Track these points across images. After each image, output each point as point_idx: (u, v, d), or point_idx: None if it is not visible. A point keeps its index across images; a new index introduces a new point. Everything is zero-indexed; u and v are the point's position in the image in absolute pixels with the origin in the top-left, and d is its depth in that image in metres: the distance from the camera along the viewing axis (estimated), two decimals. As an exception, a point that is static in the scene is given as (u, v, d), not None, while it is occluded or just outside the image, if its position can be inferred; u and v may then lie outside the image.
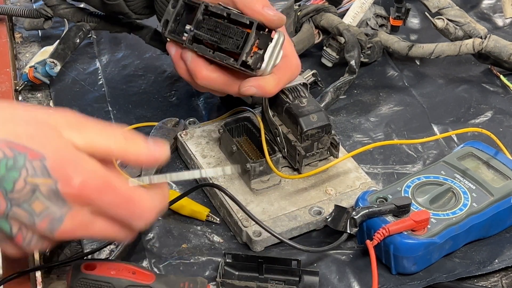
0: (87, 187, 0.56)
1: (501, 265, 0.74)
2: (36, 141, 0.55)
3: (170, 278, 0.68)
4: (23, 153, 0.55)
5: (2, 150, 0.54)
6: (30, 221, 0.56)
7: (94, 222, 0.58)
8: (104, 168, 0.57)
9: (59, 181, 0.55)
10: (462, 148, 0.81)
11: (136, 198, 0.59)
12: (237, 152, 0.80)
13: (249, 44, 0.72)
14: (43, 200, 0.55)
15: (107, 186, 0.57)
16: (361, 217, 0.71)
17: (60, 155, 0.55)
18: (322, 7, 0.97)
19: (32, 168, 0.55)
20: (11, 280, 0.68)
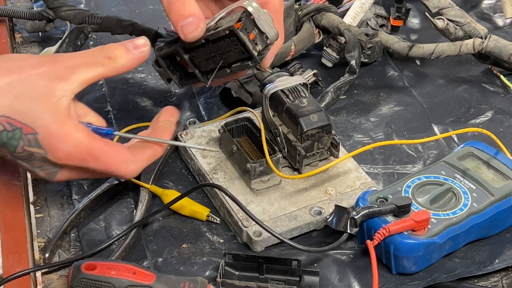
0: (71, 157, 0.67)
1: (501, 265, 0.74)
2: (30, 117, 0.65)
3: (170, 278, 0.68)
4: (19, 128, 0.65)
5: (3, 124, 0.65)
6: (32, 170, 0.69)
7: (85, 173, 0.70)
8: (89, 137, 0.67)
9: (49, 151, 0.66)
10: (462, 148, 0.81)
11: (115, 164, 0.69)
12: (237, 152, 0.80)
13: (247, 42, 0.71)
14: (39, 161, 0.67)
15: (89, 156, 0.67)
16: (362, 217, 0.71)
17: (49, 131, 0.65)
18: (323, 6, 0.97)
19: (27, 140, 0.66)
20: (12, 280, 0.68)
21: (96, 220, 0.78)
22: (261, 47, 0.72)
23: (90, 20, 0.97)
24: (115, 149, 0.69)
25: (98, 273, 0.67)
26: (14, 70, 0.66)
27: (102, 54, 0.69)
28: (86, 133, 0.67)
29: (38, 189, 0.82)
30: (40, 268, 0.72)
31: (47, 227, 0.78)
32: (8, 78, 0.66)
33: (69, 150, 0.66)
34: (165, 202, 0.79)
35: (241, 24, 0.71)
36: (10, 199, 0.77)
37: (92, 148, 0.67)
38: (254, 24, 0.72)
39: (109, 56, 0.69)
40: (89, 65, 0.68)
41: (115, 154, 0.69)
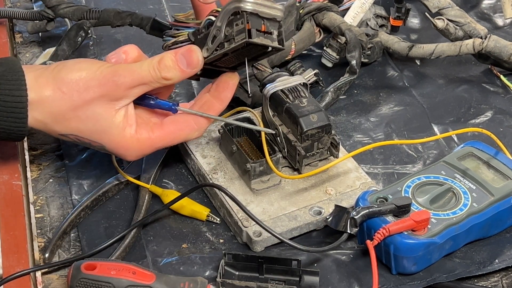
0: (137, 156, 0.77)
1: (501, 265, 0.74)
2: (96, 135, 0.74)
3: (170, 278, 0.68)
4: (88, 142, 0.75)
5: (72, 139, 0.75)
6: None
7: None
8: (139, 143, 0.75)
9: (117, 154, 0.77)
10: (462, 148, 0.81)
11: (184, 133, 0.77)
12: (237, 152, 0.80)
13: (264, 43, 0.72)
14: None
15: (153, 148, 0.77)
16: (361, 217, 0.71)
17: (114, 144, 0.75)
18: (325, 6, 0.97)
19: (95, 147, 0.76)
20: (12, 280, 0.68)
21: (96, 220, 0.78)
22: (276, 32, 0.73)
23: (88, 15, 0.97)
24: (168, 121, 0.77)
25: (98, 273, 0.67)
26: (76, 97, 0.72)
27: (158, 75, 0.73)
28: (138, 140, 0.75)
29: (38, 189, 0.82)
30: (40, 268, 0.72)
31: (47, 227, 0.78)
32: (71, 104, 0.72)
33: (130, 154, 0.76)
34: (165, 202, 0.79)
35: (250, 25, 0.71)
36: (10, 199, 0.77)
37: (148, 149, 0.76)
38: (260, 17, 0.72)
39: (164, 77, 0.73)
40: (146, 84, 0.73)
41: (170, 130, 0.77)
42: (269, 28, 0.72)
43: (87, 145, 0.76)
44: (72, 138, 0.75)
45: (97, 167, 0.84)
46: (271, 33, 0.72)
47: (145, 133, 0.75)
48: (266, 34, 0.72)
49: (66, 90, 0.72)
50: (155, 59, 0.73)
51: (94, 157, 0.86)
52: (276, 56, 0.93)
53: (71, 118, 0.73)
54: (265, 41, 0.72)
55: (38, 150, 0.87)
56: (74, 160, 0.86)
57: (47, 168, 0.85)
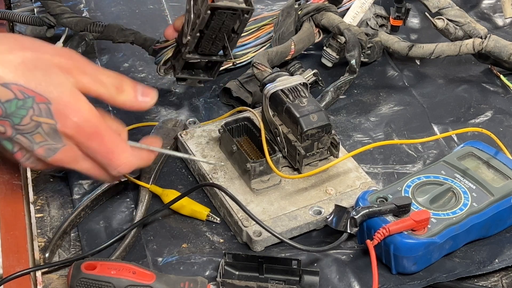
0: (80, 131, 0.68)
1: (501, 265, 0.74)
2: (43, 87, 0.66)
3: (170, 278, 0.68)
4: (32, 96, 0.66)
5: (14, 92, 0.65)
6: (30, 147, 0.68)
7: (82, 159, 0.70)
8: (99, 118, 0.69)
9: (59, 122, 0.67)
10: (462, 148, 0.81)
11: (117, 151, 0.70)
12: (237, 152, 0.80)
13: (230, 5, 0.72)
14: (43, 134, 0.67)
15: (96, 134, 0.69)
16: (361, 217, 0.71)
17: (63, 101, 0.66)
18: (323, 6, 0.97)
19: (38, 109, 0.66)
20: (12, 280, 0.68)
21: (96, 219, 0.78)
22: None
23: (92, 28, 0.97)
24: (119, 138, 0.72)
25: (98, 273, 0.67)
26: (28, 47, 0.67)
27: (112, 81, 0.71)
28: (97, 112, 0.69)
29: (38, 188, 0.82)
30: (40, 268, 0.72)
31: (47, 227, 0.78)
32: (22, 52, 0.66)
33: (80, 122, 0.67)
34: (165, 202, 0.79)
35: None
36: (10, 199, 0.77)
37: (101, 126, 0.69)
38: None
39: (117, 87, 0.71)
40: (96, 82, 0.70)
41: (118, 141, 0.71)
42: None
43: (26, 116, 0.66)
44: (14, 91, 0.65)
45: (97, 167, 0.84)
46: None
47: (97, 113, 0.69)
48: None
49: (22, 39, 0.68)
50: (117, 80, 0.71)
51: (94, 157, 0.86)
52: (276, 56, 0.93)
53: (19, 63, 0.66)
54: (230, 4, 0.71)
55: (38, 150, 0.87)
56: (74, 160, 0.85)
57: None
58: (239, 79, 0.92)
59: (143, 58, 1.02)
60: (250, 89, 0.91)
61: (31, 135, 0.67)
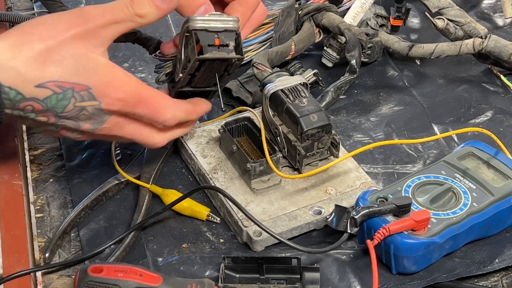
0: (125, 104, 0.69)
1: (501, 264, 0.74)
2: (80, 76, 0.66)
3: (177, 280, 0.68)
4: (70, 88, 0.66)
5: (51, 89, 0.65)
6: (75, 126, 0.69)
7: (128, 124, 0.71)
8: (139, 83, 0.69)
9: (103, 101, 0.68)
10: (462, 148, 0.81)
11: (162, 108, 0.71)
12: (238, 152, 0.80)
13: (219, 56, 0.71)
14: (88, 114, 0.68)
15: (141, 100, 0.70)
16: (362, 217, 0.71)
17: (102, 82, 0.67)
18: (324, 6, 0.97)
19: (80, 96, 0.67)
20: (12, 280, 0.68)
21: (96, 219, 0.78)
22: (233, 42, 0.72)
23: None
24: (161, 94, 0.72)
25: (105, 276, 0.66)
26: (47, 37, 0.66)
27: (131, 11, 0.68)
28: (135, 79, 0.70)
29: (38, 188, 0.82)
30: (40, 268, 0.72)
31: (47, 227, 0.78)
32: (43, 44, 0.65)
33: (123, 96, 0.68)
34: (165, 202, 0.79)
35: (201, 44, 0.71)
36: (11, 199, 0.77)
37: (143, 92, 0.70)
38: (212, 32, 0.71)
39: (138, 13, 0.69)
40: (119, 22, 0.68)
41: (161, 98, 0.72)
42: (224, 40, 0.71)
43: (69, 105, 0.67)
44: (52, 88, 0.65)
45: (97, 166, 0.84)
46: (227, 45, 0.72)
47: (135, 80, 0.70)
48: (221, 47, 0.71)
49: (34, 31, 0.66)
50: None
51: (94, 157, 0.86)
52: (276, 56, 0.93)
53: (47, 60, 0.65)
54: (219, 54, 0.71)
55: (38, 150, 0.87)
56: (74, 159, 0.86)
57: (47, 168, 0.85)
58: (239, 79, 0.92)
59: (143, 58, 1.02)
60: (250, 89, 0.91)
61: (76, 117, 0.68)
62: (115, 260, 0.72)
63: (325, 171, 0.81)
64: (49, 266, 0.72)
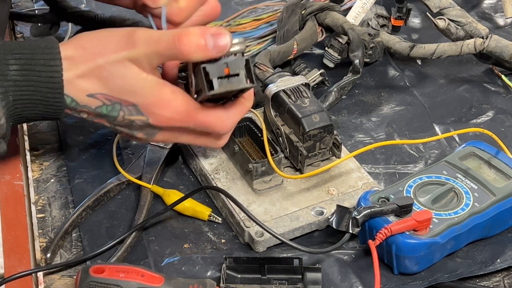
0: (172, 121, 0.70)
1: (503, 265, 0.74)
2: (126, 94, 0.68)
3: (179, 281, 0.68)
4: (118, 102, 0.69)
5: (101, 100, 0.69)
6: (129, 133, 0.72)
7: (181, 136, 0.73)
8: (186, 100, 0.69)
9: (150, 117, 0.69)
10: (463, 148, 0.81)
11: (213, 121, 0.71)
12: (239, 153, 0.80)
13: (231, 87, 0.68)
14: (139, 126, 0.71)
15: (189, 117, 0.70)
16: (363, 217, 0.71)
17: (149, 101, 0.69)
18: (327, 5, 0.97)
19: (128, 110, 0.69)
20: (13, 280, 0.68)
21: (97, 220, 0.78)
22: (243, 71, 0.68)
23: (94, 21, 0.96)
24: (210, 108, 0.71)
25: (107, 276, 0.66)
26: (98, 54, 0.69)
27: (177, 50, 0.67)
28: (182, 96, 0.70)
29: (39, 189, 0.82)
30: (42, 269, 0.72)
31: (48, 227, 0.78)
32: (95, 62, 0.68)
33: (170, 115, 0.69)
34: (166, 202, 0.79)
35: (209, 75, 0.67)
36: (12, 199, 0.77)
37: (191, 110, 0.70)
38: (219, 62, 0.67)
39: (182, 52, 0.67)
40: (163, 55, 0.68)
41: (211, 113, 0.71)
42: (234, 70, 0.67)
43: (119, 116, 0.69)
44: (101, 100, 0.69)
45: (99, 167, 0.84)
46: (237, 74, 0.68)
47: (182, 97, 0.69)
48: (232, 77, 0.67)
49: (88, 46, 0.69)
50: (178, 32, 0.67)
51: (95, 157, 0.86)
52: (278, 55, 0.93)
53: (97, 75, 0.68)
54: (229, 87, 0.67)
55: (39, 150, 0.87)
56: (76, 160, 0.85)
57: (49, 168, 0.85)
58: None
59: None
60: (252, 89, 0.90)
61: (129, 127, 0.71)
62: (116, 261, 0.72)
63: (327, 171, 0.80)
64: (51, 267, 0.72)
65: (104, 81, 0.68)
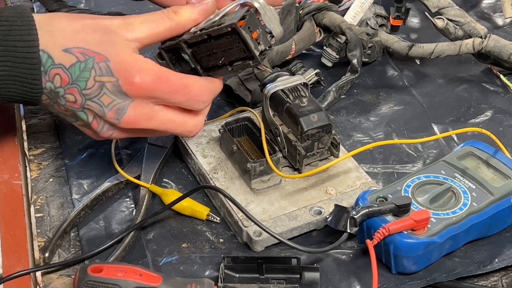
0: (144, 82, 0.68)
1: (501, 264, 0.74)
2: (102, 46, 0.68)
3: (177, 280, 0.68)
4: (92, 56, 0.68)
5: (76, 55, 0.68)
6: (100, 112, 0.70)
7: (157, 112, 0.70)
8: (158, 65, 0.70)
9: (121, 79, 0.68)
10: (462, 147, 0.81)
11: (189, 82, 0.71)
12: (238, 152, 0.80)
13: (249, 41, 0.70)
14: (109, 94, 0.69)
15: (161, 78, 0.69)
16: (361, 217, 0.71)
17: (120, 57, 0.68)
18: (325, 5, 0.97)
19: (99, 69, 0.68)
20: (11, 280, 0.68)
21: (96, 219, 0.78)
22: (264, 47, 0.71)
23: None
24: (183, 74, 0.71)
25: (105, 275, 0.66)
26: (87, 16, 0.71)
27: (168, 11, 0.72)
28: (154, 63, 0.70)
29: (38, 188, 0.82)
30: (40, 268, 0.72)
31: (47, 227, 0.78)
32: (81, 20, 0.70)
33: (140, 74, 0.68)
34: (165, 202, 0.79)
35: (245, 22, 0.69)
36: (10, 199, 0.77)
37: (163, 70, 0.70)
38: (259, 22, 0.71)
39: (174, 11, 0.71)
40: (156, 20, 0.71)
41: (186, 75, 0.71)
42: (260, 39, 0.71)
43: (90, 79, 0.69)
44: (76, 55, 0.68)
45: (97, 166, 0.84)
46: (259, 43, 0.71)
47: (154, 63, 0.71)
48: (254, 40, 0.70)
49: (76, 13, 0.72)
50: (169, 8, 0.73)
51: (94, 157, 0.86)
52: (277, 55, 0.93)
53: (80, 30, 0.69)
54: (250, 42, 0.70)
55: (38, 150, 0.87)
56: (74, 159, 0.86)
57: (47, 168, 0.85)
58: (239, 76, 0.92)
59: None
60: (250, 87, 0.91)
61: (99, 97, 0.69)
62: (114, 260, 0.72)
63: (325, 171, 0.81)
64: (49, 266, 0.72)
65: (85, 34, 0.69)
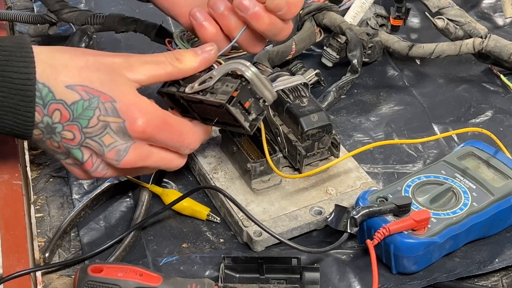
0: (149, 126, 0.68)
1: (501, 264, 0.74)
2: (106, 86, 0.67)
3: (177, 280, 0.68)
4: (97, 96, 0.67)
5: (80, 93, 0.66)
6: (100, 151, 0.68)
7: (152, 152, 0.70)
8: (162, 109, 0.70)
9: (127, 120, 0.67)
10: (462, 147, 0.81)
11: (185, 131, 0.71)
12: (238, 152, 0.80)
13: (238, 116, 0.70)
14: (112, 134, 0.68)
15: (165, 124, 0.69)
16: (362, 217, 0.71)
17: (127, 99, 0.67)
18: (325, 5, 0.97)
19: (104, 109, 0.67)
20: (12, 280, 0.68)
21: (96, 219, 0.78)
22: (255, 115, 0.71)
23: (92, 20, 0.96)
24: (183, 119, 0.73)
25: (105, 275, 0.66)
26: (89, 53, 0.70)
27: (171, 56, 0.72)
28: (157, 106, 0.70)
29: (38, 188, 0.82)
30: (40, 268, 0.72)
31: (47, 227, 0.78)
32: (84, 57, 0.69)
33: (147, 118, 0.68)
34: (165, 202, 0.79)
35: (237, 94, 0.69)
36: (10, 199, 0.77)
37: (166, 116, 0.70)
38: (251, 91, 0.70)
39: (177, 57, 0.72)
40: (158, 63, 0.71)
41: (183, 122, 0.72)
42: (252, 108, 0.70)
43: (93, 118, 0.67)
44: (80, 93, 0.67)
45: (97, 166, 0.84)
46: (250, 113, 0.70)
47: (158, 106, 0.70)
48: (245, 111, 0.70)
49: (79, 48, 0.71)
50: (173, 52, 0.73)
51: (94, 157, 0.86)
52: (277, 55, 0.93)
53: (82, 67, 0.68)
54: (239, 116, 0.70)
55: (38, 150, 0.87)
56: (74, 159, 0.85)
57: (47, 168, 0.85)
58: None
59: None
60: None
61: (100, 137, 0.67)
62: (115, 260, 0.72)
63: (326, 171, 0.81)
64: (49, 266, 0.72)
65: (88, 72, 0.67)
